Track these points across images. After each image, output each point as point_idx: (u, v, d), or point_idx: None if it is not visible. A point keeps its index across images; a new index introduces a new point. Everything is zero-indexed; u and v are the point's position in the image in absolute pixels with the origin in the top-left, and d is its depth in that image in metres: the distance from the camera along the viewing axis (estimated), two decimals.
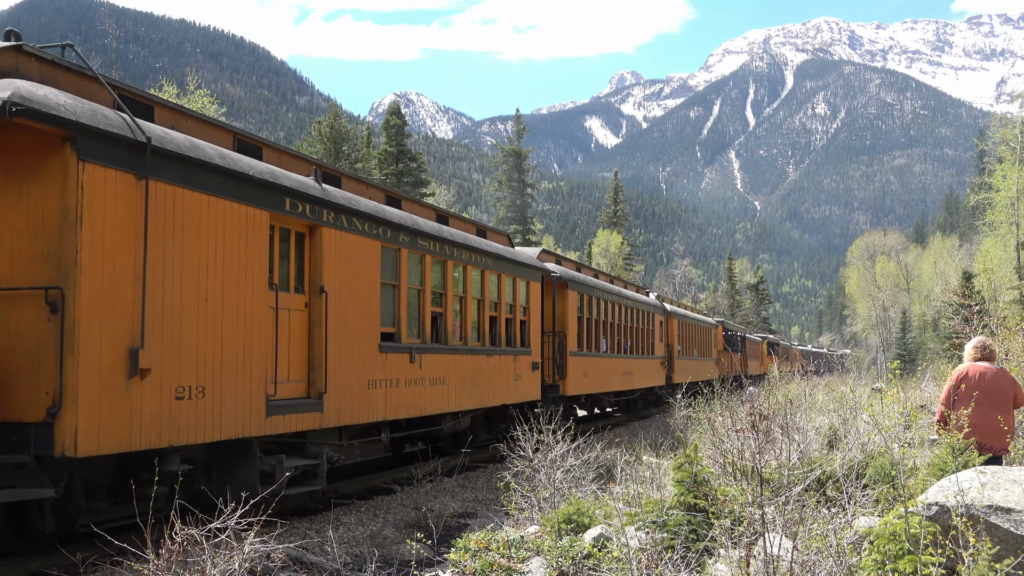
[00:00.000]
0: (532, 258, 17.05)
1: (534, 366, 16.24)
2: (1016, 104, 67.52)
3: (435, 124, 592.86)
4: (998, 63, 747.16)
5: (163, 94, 30.52)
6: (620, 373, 22.74)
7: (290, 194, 8.92)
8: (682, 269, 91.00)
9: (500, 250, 14.93)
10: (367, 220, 10.40)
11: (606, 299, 21.55)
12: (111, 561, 6.66)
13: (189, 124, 8.35)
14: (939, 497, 5.07)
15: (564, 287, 18.30)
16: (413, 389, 11.41)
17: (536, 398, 16.35)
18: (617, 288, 23.59)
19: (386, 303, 10.98)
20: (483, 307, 14.13)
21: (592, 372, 19.90)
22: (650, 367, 26.74)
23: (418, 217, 12.14)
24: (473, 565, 6.17)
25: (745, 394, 17.36)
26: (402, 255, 11.36)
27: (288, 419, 8.81)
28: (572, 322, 18.49)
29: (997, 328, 16.42)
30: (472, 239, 13.84)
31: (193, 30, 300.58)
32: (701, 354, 35.70)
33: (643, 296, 27.68)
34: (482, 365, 13.85)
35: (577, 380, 18.69)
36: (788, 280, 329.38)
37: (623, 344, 23.22)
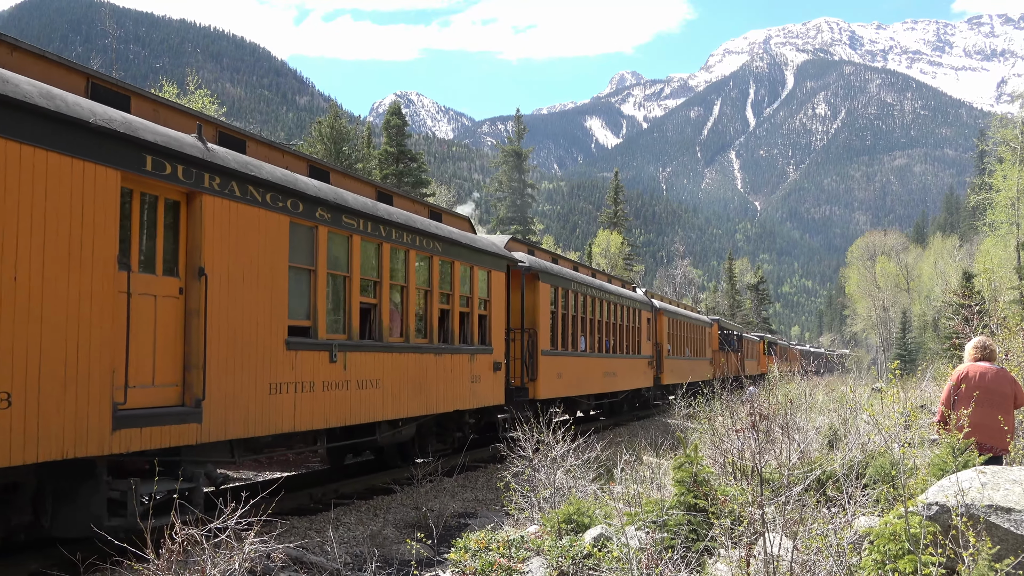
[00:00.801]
0: (495, 245, 15.01)
1: (496, 367, 14.39)
2: (1016, 104, 67.57)
3: (435, 124, 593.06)
4: (998, 63, 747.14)
5: (163, 94, 30.49)
6: (601, 374, 20.94)
7: (154, 151, 7.10)
8: (682, 269, 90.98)
9: (454, 234, 13.01)
10: (271, 190, 8.61)
11: (585, 293, 19.77)
12: (111, 561, 6.66)
13: (15, 58, 6.71)
14: (939, 497, 5.07)
15: (534, 279, 16.54)
16: (334, 394, 9.63)
17: (498, 402, 14.59)
18: (598, 282, 21.69)
19: (297, 291, 9.22)
20: (431, 299, 12.20)
21: (568, 373, 18.18)
22: (636, 367, 24.89)
23: (345, 191, 10.25)
24: (473, 565, 6.18)
25: (745, 394, 17.36)
26: (319, 234, 9.50)
27: (148, 433, 7.03)
28: (544, 318, 16.77)
29: (997, 328, 16.42)
30: (417, 220, 11.92)
31: (193, 30, 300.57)
32: (694, 354, 34.10)
33: (629, 291, 25.66)
34: (429, 366, 11.99)
35: (550, 382, 17.00)
36: (788, 280, 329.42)
37: (605, 343, 21.56)
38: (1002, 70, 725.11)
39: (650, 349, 26.65)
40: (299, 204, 9.11)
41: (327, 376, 9.53)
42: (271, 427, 8.62)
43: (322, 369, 9.44)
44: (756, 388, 22.17)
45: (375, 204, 10.88)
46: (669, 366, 28.81)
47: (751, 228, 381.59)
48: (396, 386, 11.04)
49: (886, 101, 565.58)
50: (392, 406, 10.98)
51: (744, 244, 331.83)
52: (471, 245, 13.54)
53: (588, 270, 22.61)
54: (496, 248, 14.86)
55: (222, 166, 7.90)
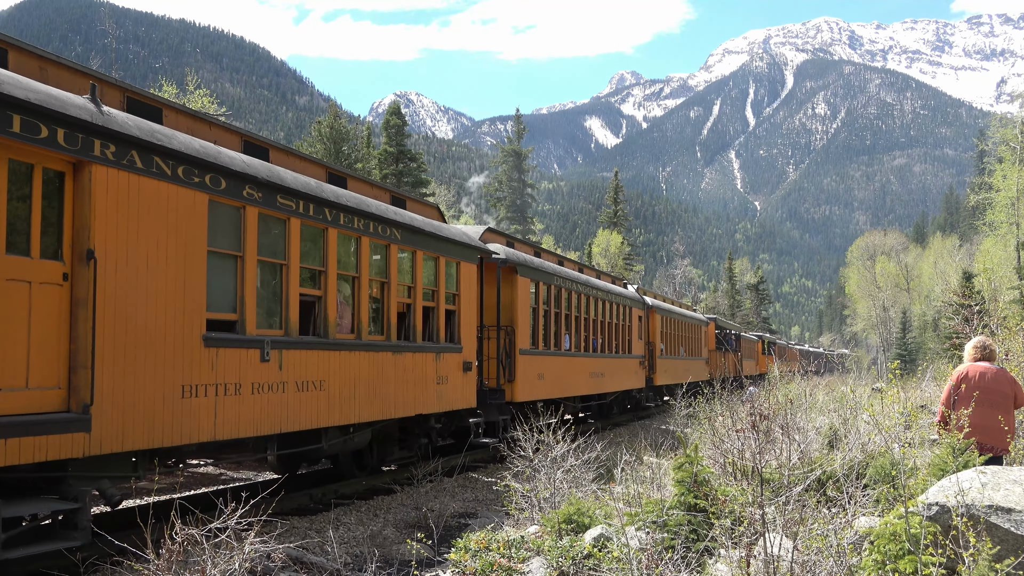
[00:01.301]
0: (465, 235, 13.79)
1: (466, 367, 13.23)
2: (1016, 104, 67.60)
3: (435, 124, 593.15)
4: (998, 63, 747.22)
5: (163, 94, 30.49)
6: (587, 375, 19.76)
7: (24, 109, 6.06)
8: (682, 269, 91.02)
9: (417, 221, 11.77)
10: (184, 163, 7.48)
11: (570, 289, 18.60)
12: (111, 561, 6.66)
13: None
14: (939, 497, 5.07)
15: (512, 272, 15.36)
16: (267, 397, 8.49)
17: (469, 405, 13.42)
18: (585, 277, 20.44)
19: (219, 280, 8.09)
20: (389, 292, 11.04)
21: (550, 374, 17.03)
22: (626, 367, 23.67)
23: (283, 169, 9.16)
24: (473, 565, 6.18)
25: (745, 394, 17.35)
26: (248, 216, 8.34)
27: (17, 444, 5.96)
28: (523, 314, 15.64)
29: (997, 328, 16.43)
30: (372, 204, 10.72)
31: (193, 30, 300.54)
32: (689, 353, 33.11)
33: (619, 288, 24.32)
34: (386, 366, 10.85)
35: (529, 383, 15.82)
36: (788, 280, 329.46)
37: (593, 341, 20.43)
38: (1002, 70, 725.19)
39: (642, 348, 25.62)
40: (221, 180, 7.92)
41: (258, 377, 8.39)
42: (185, 436, 7.43)
43: (251, 369, 8.31)
44: (756, 388, 22.14)
45: (320, 185, 9.70)
46: (662, 366, 27.85)
47: (751, 228, 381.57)
48: (345, 388, 9.90)
49: (886, 101, 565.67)
50: (340, 410, 9.82)
51: (744, 244, 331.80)
52: (437, 234, 12.28)
53: (575, 265, 21.44)
54: (466, 238, 13.60)
55: (119, 132, 6.81)
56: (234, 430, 8.14)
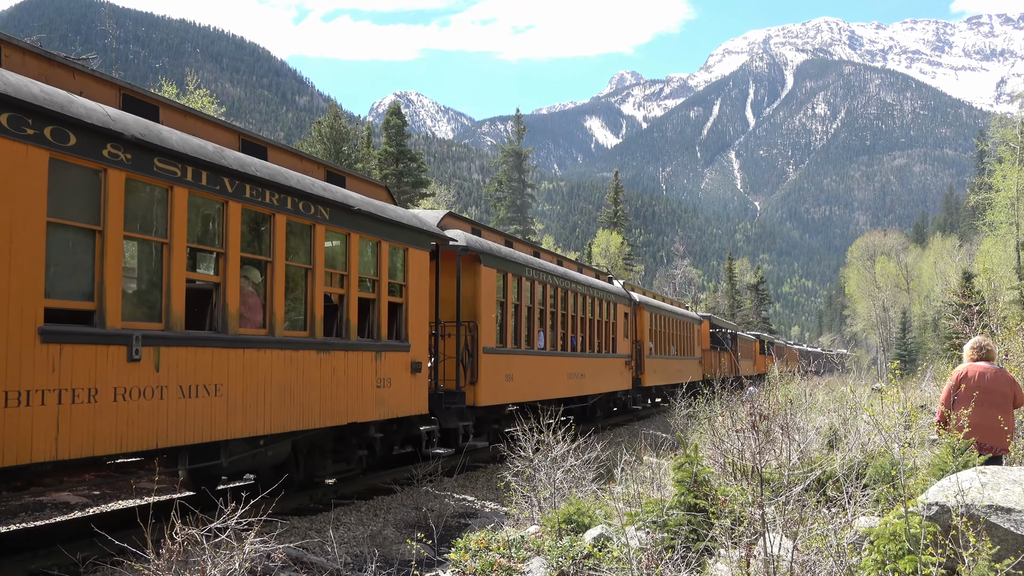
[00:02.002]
0: (416, 219, 12.08)
1: (414, 367, 11.60)
2: (1016, 104, 67.60)
3: (435, 124, 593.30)
4: (998, 63, 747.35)
5: (164, 94, 30.52)
6: (565, 376, 18.22)
7: None
8: (682, 269, 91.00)
9: (353, 200, 10.25)
10: (11, 109, 6.00)
11: (545, 282, 17.01)
12: (111, 561, 6.66)
13: None
14: (939, 497, 5.08)
15: (474, 262, 13.83)
16: (137, 405, 6.93)
17: (418, 411, 11.87)
18: (563, 269, 18.89)
19: (67, 260, 6.68)
20: (313, 280, 9.45)
21: (521, 375, 15.50)
22: (611, 368, 22.11)
23: (167, 128, 7.60)
24: (473, 565, 6.18)
25: (745, 394, 17.35)
26: (111, 181, 6.78)
27: None
28: (488, 309, 14.07)
29: (997, 328, 16.44)
30: (291, 177, 9.16)
31: (193, 30, 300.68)
32: (681, 353, 31.73)
33: (603, 283, 22.70)
34: (308, 367, 9.30)
35: (495, 385, 14.29)
36: (788, 280, 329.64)
37: (572, 340, 18.93)
38: (1002, 70, 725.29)
39: (628, 347, 24.06)
40: (69, 135, 6.45)
41: (124, 380, 6.81)
42: (10, 455, 5.95)
43: (114, 371, 6.75)
44: (756, 388, 22.14)
45: (220, 151, 8.06)
46: (651, 366, 26.44)
47: (751, 228, 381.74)
48: (250, 393, 8.33)
49: (886, 101, 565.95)
50: (244, 420, 8.23)
51: (744, 244, 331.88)
52: (378, 215, 10.67)
53: (553, 257, 19.82)
54: (417, 221, 11.91)
55: None
56: (86, 446, 6.51)
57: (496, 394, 14.40)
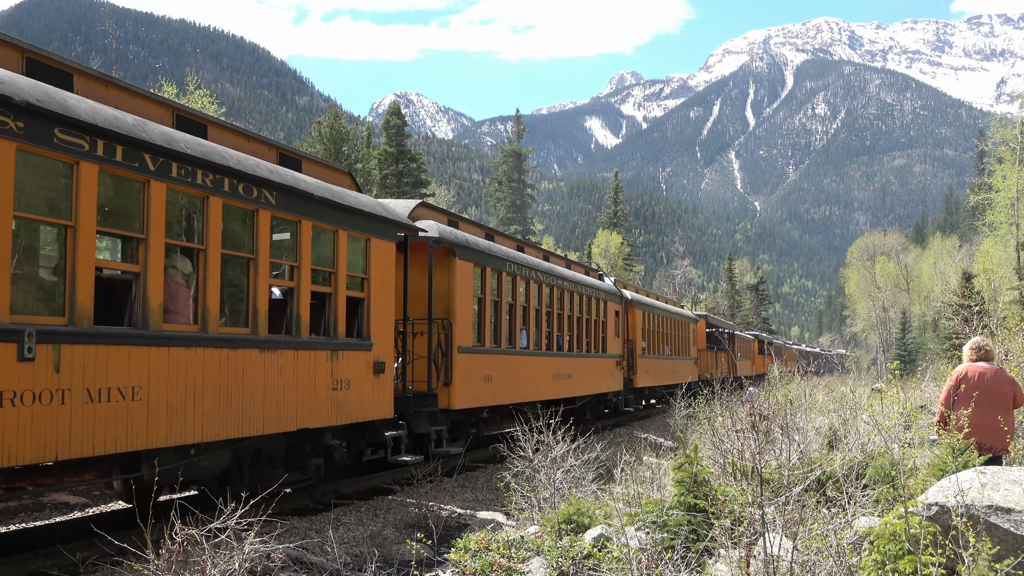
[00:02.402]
0: (382, 207, 11.11)
1: (378, 368, 10.62)
2: (1016, 104, 67.60)
3: (435, 124, 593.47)
4: (998, 63, 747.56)
5: (163, 95, 30.55)
6: (551, 376, 17.29)
7: None
8: (682, 269, 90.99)
9: (305, 184, 9.28)
10: None
11: (528, 277, 16.08)
12: (111, 561, 6.67)
13: None
14: (939, 497, 5.08)
15: (448, 255, 12.94)
16: (31, 412, 6.11)
17: (382, 415, 10.79)
18: (548, 264, 17.91)
19: None
20: (256, 271, 8.46)
21: (500, 376, 14.61)
22: (601, 368, 21.16)
23: (72, 95, 6.76)
24: (473, 565, 6.18)
25: (745, 394, 17.35)
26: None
27: None
28: (464, 305, 13.20)
29: (997, 328, 16.45)
30: (232, 156, 8.21)
31: (193, 30, 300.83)
32: (675, 352, 30.71)
33: (592, 279, 21.74)
34: (249, 367, 8.34)
35: (471, 387, 13.40)
36: (788, 280, 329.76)
37: (557, 339, 18.00)
38: (1002, 70, 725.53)
39: (619, 347, 23.10)
40: None
41: (14, 382, 6.02)
42: None
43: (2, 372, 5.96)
44: (756, 388, 22.13)
45: (142, 124, 7.24)
46: (644, 366, 25.43)
47: (751, 228, 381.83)
48: (177, 397, 7.45)
49: (886, 101, 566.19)
50: (168, 427, 7.34)
51: (744, 244, 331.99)
52: (335, 201, 9.72)
53: (538, 252, 18.75)
54: (382, 210, 10.90)
55: None
56: None
57: (473, 396, 13.52)
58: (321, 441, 10.01)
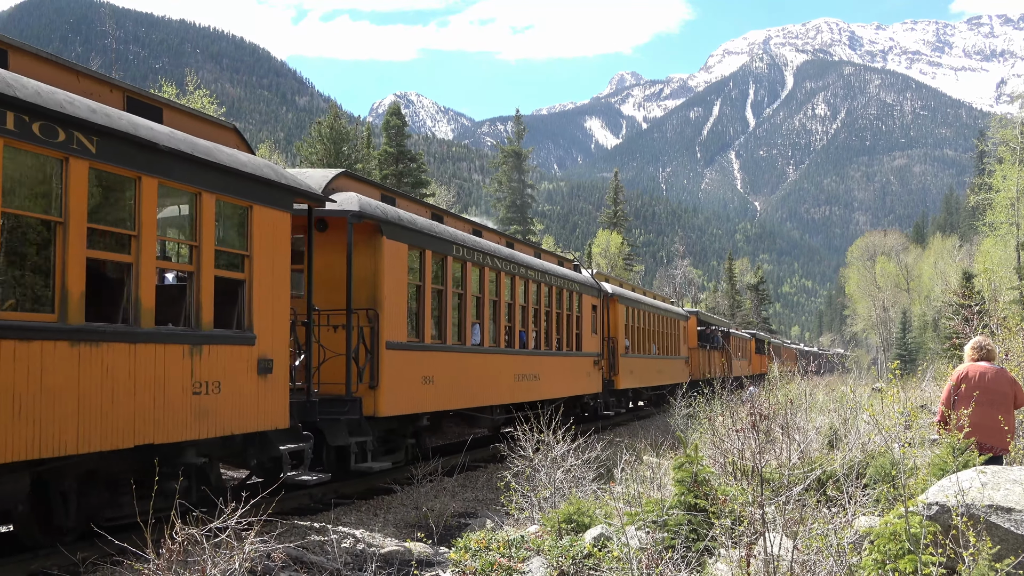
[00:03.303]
0: (272, 169, 8.92)
1: (264, 367, 8.52)
2: (1016, 104, 67.69)
3: (435, 124, 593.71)
4: (998, 64, 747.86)
5: (163, 95, 30.60)
6: (511, 377, 15.49)
7: None
8: (682, 269, 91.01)
9: (148, 131, 7.31)
10: None
11: (482, 264, 14.21)
12: (111, 561, 6.67)
13: None
14: (939, 497, 5.08)
15: (374, 233, 10.99)
16: None
17: (273, 425, 8.68)
18: (507, 251, 15.91)
19: None
20: (65, 238, 6.54)
21: (445, 376, 12.70)
22: (574, 368, 19.31)
23: None
24: (473, 565, 6.18)
25: (745, 394, 17.36)
26: None
27: None
28: (394, 294, 11.24)
29: (997, 328, 16.45)
30: (21, 86, 6.25)
31: (193, 30, 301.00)
32: (664, 352, 28.65)
33: (565, 270, 19.75)
34: (58, 365, 6.43)
35: (406, 390, 11.52)
36: (788, 280, 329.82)
37: (520, 334, 16.21)
38: (1001, 70, 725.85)
39: (597, 345, 21.27)
40: None
41: None
42: None
43: None
44: (756, 388, 22.12)
45: None
46: (627, 366, 23.54)
47: (751, 228, 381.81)
48: None
49: (886, 101, 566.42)
50: None
51: (744, 244, 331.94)
52: (198, 157, 7.74)
53: (501, 238, 16.84)
54: (270, 173, 8.76)
55: None
56: None
57: (408, 401, 11.63)
58: (181, 460, 7.89)
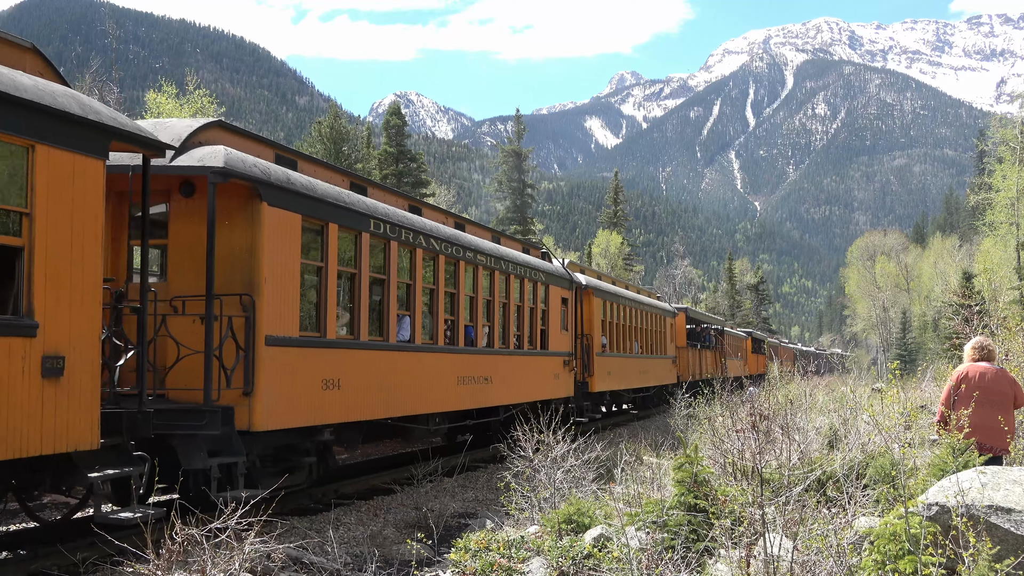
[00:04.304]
0: (74, 101, 6.61)
1: (51, 367, 6.34)
2: (1016, 104, 67.69)
3: (435, 124, 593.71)
4: (998, 63, 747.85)
5: (163, 94, 30.63)
6: (454, 380, 13.03)
7: None
8: (682, 269, 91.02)
9: None
10: None
11: (415, 245, 11.69)
12: (111, 561, 6.67)
13: None
14: (939, 497, 5.08)
15: (250, 198, 8.62)
16: None
17: (74, 445, 6.47)
18: (450, 231, 13.30)
19: None
20: None
21: (357, 379, 10.28)
22: (538, 369, 16.81)
23: None
24: (473, 565, 6.18)
25: (745, 394, 17.35)
26: None
27: None
28: (276, 276, 8.86)
29: (997, 328, 16.44)
30: None
31: (193, 30, 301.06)
32: (648, 350, 26.38)
33: (529, 257, 17.33)
34: None
35: (297, 396, 9.13)
36: (788, 280, 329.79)
37: (468, 330, 13.79)
38: (1002, 70, 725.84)
39: (567, 343, 18.64)
40: None
41: None
42: None
43: None
44: (756, 388, 22.13)
45: None
46: (604, 366, 21.02)
47: (751, 228, 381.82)
48: None
49: (886, 101, 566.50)
50: None
51: (744, 244, 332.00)
52: None
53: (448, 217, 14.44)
54: (71, 105, 6.57)
55: None
56: None
57: (300, 410, 9.16)
58: None
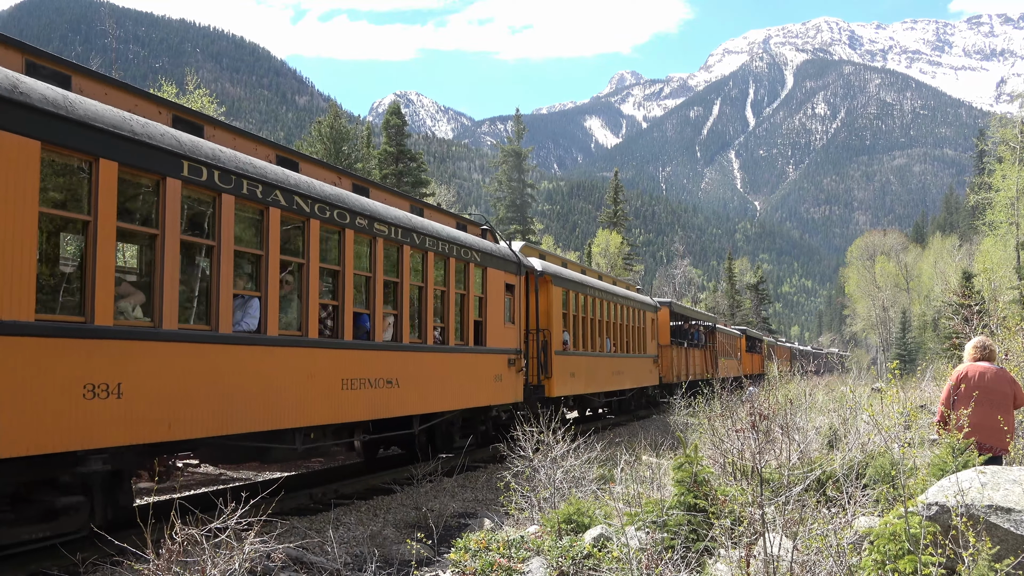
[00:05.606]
0: None
1: None
2: (1016, 104, 67.60)
3: (435, 124, 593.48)
4: (998, 63, 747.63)
5: (163, 94, 30.61)
6: (335, 385, 9.74)
7: None
8: (682, 269, 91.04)
9: None
10: None
11: (267, 202, 8.49)
12: (111, 561, 6.67)
13: None
14: (939, 497, 5.08)
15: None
16: None
17: None
18: (330, 189, 9.90)
19: None
20: None
21: (153, 384, 7.09)
22: (472, 370, 13.51)
23: None
24: (473, 565, 6.18)
25: (745, 394, 17.35)
26: None
27: None
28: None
29: (997, 328, 16.44)
30: None
31: (193, 30, 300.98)
32: (622, 348, 23.13)
33: (466, 235, 13.79)
34: None
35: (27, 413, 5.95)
36: (788, 280, 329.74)
37: (363, 318, 10.51)
38: (1001, 70, 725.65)
39: (512, 339, 15.27)
40: None
41: None
42: None
43: None
44: (756, 388, 22.12)
45: None
46: (565, 367, 17.89)
47: (751, 228, 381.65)
48: None
49: (885, 101, 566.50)
50: None
51: (744, 244, 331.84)
52: None
53: (346, 178, 11.19)
54: None
55: None
56: None
57: (43, 432, 6.16)
58: None
